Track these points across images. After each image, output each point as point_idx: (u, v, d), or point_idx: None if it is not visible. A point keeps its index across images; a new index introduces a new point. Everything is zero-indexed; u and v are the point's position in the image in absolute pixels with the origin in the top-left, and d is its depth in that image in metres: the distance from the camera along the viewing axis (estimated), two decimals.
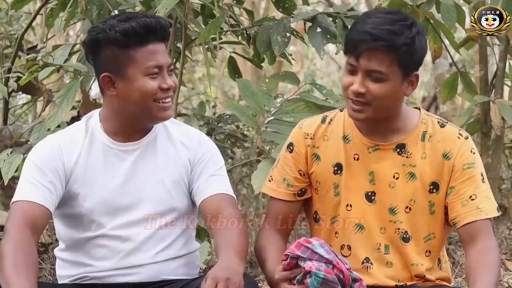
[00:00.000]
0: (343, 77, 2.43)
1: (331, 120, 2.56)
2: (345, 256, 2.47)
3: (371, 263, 2.49)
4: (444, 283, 2.55)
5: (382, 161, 2.47)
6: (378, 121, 2.45)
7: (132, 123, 2.48)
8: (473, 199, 2.41)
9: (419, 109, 2.54)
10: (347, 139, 2.51)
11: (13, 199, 2.42)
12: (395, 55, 2.32)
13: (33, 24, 4.74)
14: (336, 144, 2.52)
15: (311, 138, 2.55)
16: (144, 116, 2.46)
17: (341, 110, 2.58)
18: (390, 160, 2.46)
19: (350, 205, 2.50)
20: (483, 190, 2.44)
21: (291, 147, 2.58)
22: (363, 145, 2.49)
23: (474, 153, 2.47)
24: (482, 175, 2.46)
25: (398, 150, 2.47)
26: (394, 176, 2.46)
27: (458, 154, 2.44)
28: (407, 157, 2.46)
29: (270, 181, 2.61)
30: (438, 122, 2.50)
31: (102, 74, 2.43)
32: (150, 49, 2.40)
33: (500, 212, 2.50)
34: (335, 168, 2.51)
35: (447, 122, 2.52)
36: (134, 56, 2.39)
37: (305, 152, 2.55)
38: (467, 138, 2.48)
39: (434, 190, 2.46)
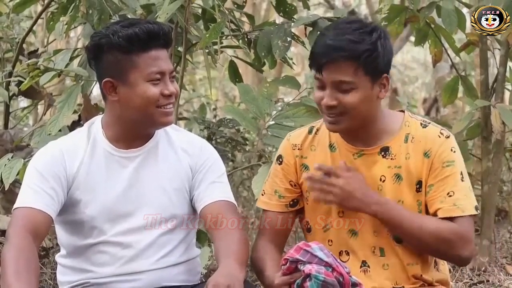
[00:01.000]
0: (314, 92, 2.45)
1: (317, 130, 2.59)
2: (344, 262, 2.47)
3: (369, 266, 2.50)
4: (442, 287, 2.55)
5: (369, 166, 2.49)
6: (357, 128, 2.46)
7: (134, 128, 2.49)
8: (450, 196, 2.43)
9: (404, 112, 2.56)
10: (333, 147, 2.54)
11: (15, 205, 2.42)
12: (358, 63, 2.34)
13: (34, 27, 4.74)
14: (323, 153, 2.54)
15: (299, 149, 2.58)
16: (146, 122, 2.46)
17: None
18: (376, 164, 2.48)
19: (342, 212, 2.51)
20: (462, 188, 2.45)
21: (280, 159, 2.60)
22: (348, 152, 2.51)
23: (454, 151, 2.48)
24: (461, 174, 2.47)
25: (382, 153, 2.49)
26: (380, 179, 2.48)
27: (437, 152, 2.46)
28: (391, 159, 2.48)
29: (263, 195, 2.63)
30: (421, 123, 2.52)
31: (104, 79, 2.43)
32: (153, 55, 2.41)
33: (478, 211, 2.51)
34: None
35: (429, 123, 2.53)
36: (137, 62, 2.40)
37: (294, 163, 2.57)
38: (448, 137, 2.49)
39: (420, 189, 2.48)
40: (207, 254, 3.54)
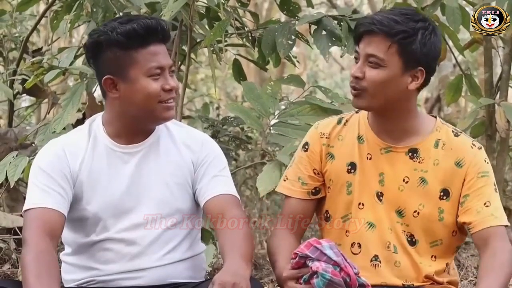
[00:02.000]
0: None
1: (346, 121, 2.60)
2: (355, 254, 2.49)
3: (380, 261, 2.50)
4: (451, 286, 2.55)
5: (393, 164, 2.49)
6: (386, 117, 2.47)
7: (135, 124, 2.48)
8: (487, 206, 2.43)
9: (436, 117, 2.56)
10: (362, 139, 2.54)
11: (25, 207, 2.41)
12: (393, 43, 2.37)
13: (37, 26, 4.73)
14: (350, 144, 2.55)
15: (326, 138, 2.58)
16: (148, 117, 2.46)
17: (356, 112, 2.61)
18: (401, 163, 2.48)
19: (362, 204, 2.52)
20: (496, 199, 2.46)
21: (306, 146, 2.60)
22: (376, 146, 2.51)
23: (487, 163, 2.50)
24: (494, 185, 2.49)
25: (410, 154, 2.49)
26: (404, 180, 2.48)
27: (472, 163, 2.46)
28: (419, 162, 2.48)
29: (285, 180, 2.63)
30: (453, 132, 2.52)
31: (104, 77, 2.43)
32: (151, 50, 2.41)
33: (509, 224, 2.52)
34: (349, 167, 2.53)
35: (461, 132, 2.54)
36: (136, 58, 2.40)
37: (320, 151, 2.58)
38: (480, 148, 2.50)
39: (445, 197, 2.48)
40: (211, 252, 3.54)
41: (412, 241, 2.49)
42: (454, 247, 2.57)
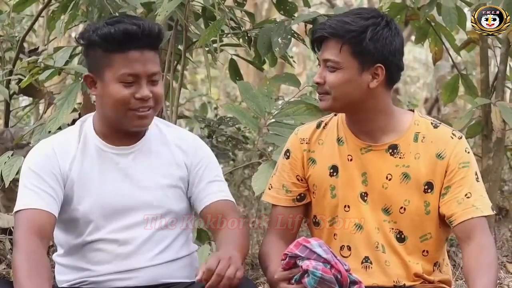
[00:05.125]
0: None
1: (326, 124, 2.60)
2: (345, 257, 2.49)
3: (371, 263, 2.50)
4: (444, 285, 2.55)
5: (375, 162, 2.49)
6: (359, 118, 2.48)
7: (115, 126, 2.47)
8: (468, 197, 2.43)
9: (413, 111, 2.56)
10: (341, 141, 2.54)
11: (16, 208, 2.40)
12: (344, 44, 2.39)
13: (35, 26, 4.74)
14: (331, 147, 2.55)
15: (306, 143, 2.58)
16: (119, 122, 2.45)
17: (335, 114, 2.61)
18: (382, 161, 2.48)
19: (348, 206, 2.52)
20: (477, 189, 2.46)
21: (288, 154, 2.61)
22: (356, 146, 2.51)
23: (468, 152, 2.49)
24: (476, 174, 2.48)
25: (390, 151, 2.48)
26: (387, 177, 2.48)
27: (452, 154, 2.46)
28: (400, 157, 2.48)
29: (270, 189, 2.63)
30: (432, 123, 2.52)
31: (86, 74, 2.46)
32: (129, 56, 2.38)
33: (494, 211, 2.51)
34: (331, 170, 2.53)
35: (440, 123, 2.54)
36: (112, 61, 2.38)
37: (301, 157, 2.58)
38: (460, 138, 2.50)
39: (429, 190, 2.47)
40: (206, 252, 3.53)
41: (401, 238, 2.49)
42: (443, 239, 2.56)
